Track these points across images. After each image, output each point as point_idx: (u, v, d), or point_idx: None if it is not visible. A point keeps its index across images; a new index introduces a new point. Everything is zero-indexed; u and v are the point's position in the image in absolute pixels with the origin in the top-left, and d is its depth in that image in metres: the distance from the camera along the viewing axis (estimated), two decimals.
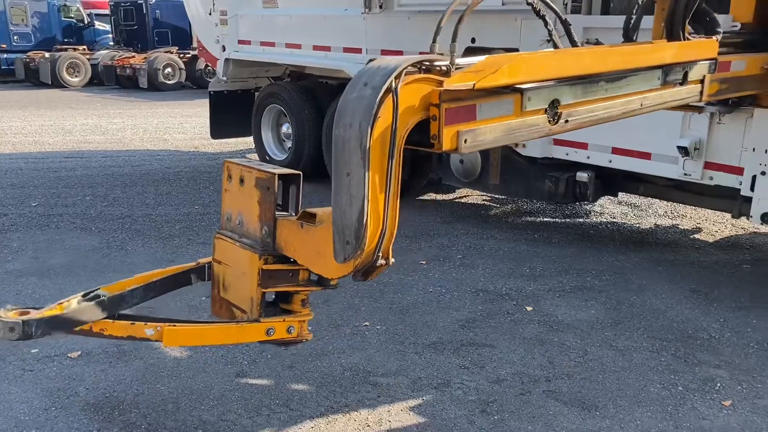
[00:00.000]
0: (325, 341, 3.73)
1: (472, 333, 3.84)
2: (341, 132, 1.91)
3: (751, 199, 4.15)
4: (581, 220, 6.23)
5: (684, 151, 4.41)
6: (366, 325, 3.93)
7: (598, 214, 6.37)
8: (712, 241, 5.59)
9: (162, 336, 2.32)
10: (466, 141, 2.02)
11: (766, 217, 4.07)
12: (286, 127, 7.75)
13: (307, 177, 8.64)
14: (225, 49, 7.97)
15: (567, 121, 2.34)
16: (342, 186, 1.94)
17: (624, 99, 2.58)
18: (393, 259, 2.05)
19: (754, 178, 4.09)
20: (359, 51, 6.37)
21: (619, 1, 4.96)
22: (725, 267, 4.96)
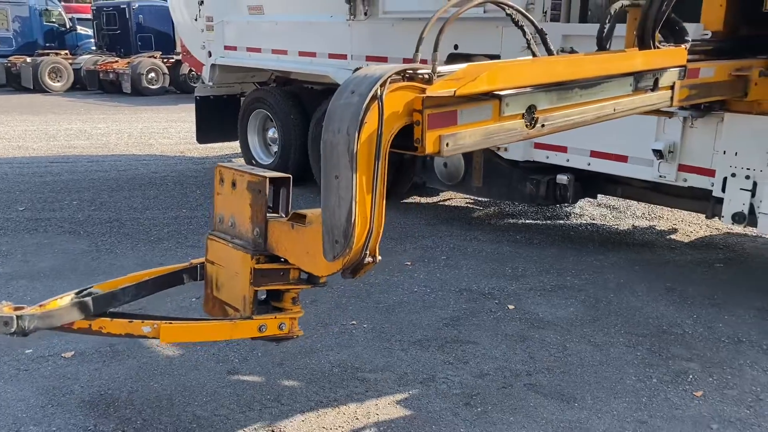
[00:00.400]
0: (314, 339, 3.84)
1: (456, 330, 3.97)
2: (330, 137, 2.02)
3: (722, 200, 4.32)
4: (561, 221, 6.39)
5: (659, 154, 4.58)
6: (353, 323, 4.05)
7: (577, 216, 6.54)
8: (687, 241, 5.78)
9: (159, 333, 2.42)
10: (447, 144, 2.15)
11: (737, 217, 4.23)
12: (272, 132, 7.85)
13: (294, 180, 8.70)
14: (211, 55, 8.06)
15: (543, 125, 2.47)
16: (331, 188, 2.05)
17: (597, 104, 2.71)
18: (380, 257, 2.16)
19: (725, 179, 4.26)
20: (345, 57, 6.50)
21: (596, 9, 5.13)
22: (699, 266, 5.14)
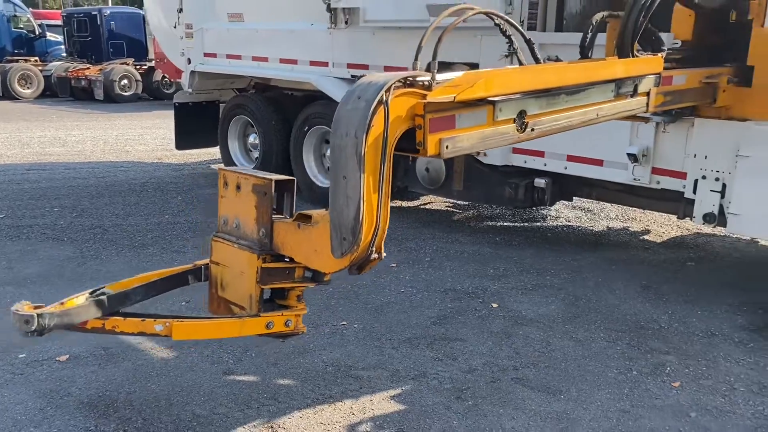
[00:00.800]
0: (306, 340, 3.92)
1: (443, 328, 4.10)
2: (338, 140, 2.14)
3: (693, 201, 4.52)
4: (539, 223, 6.58)
5: (633, 157, 4.78)
6: (344, 324, 4.15)
7: (554, 218, 6.74)
8: (660, 241, 6.00)
9: (171, 331, 2.50)
10: (447, 147, 2.29)
11: (708, 217, 4.44)
12: (253, 138, 7.91)
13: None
14: (190, 62, 8.09)
15: (533, 129, 2.62)
16: (339, 188, 2.16)
17: (582, 110, 2.89)
18: (384, 254, 2.27)
19: (696, 181, 4.47)
20: (326, 64, 6.61)
21: (571, 19, 5.32)
22: (672, 265, 5.35)
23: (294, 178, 2.62)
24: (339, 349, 3.82)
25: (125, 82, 18.43)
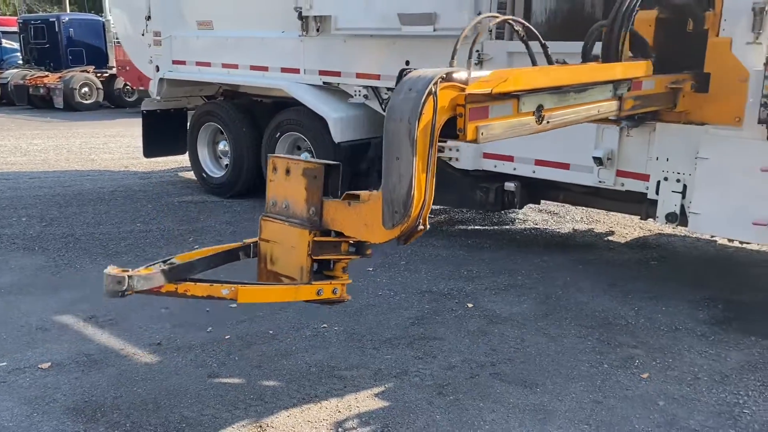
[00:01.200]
0: (288, 342, 4.00)
1: (422, 328, 4.22)
2: (393, 125, 2.38)
3: (656, 202, 4.73)
4: (508, 227, 6.76)
5: (598, 161, 4.98)
6: (324, 326, 4.23)
7: (522, 221, 6.93)
8: (623, 242, 6.24)
9: (237, 294, 2.71)
10: (482, 134, 2.57)
11: (670, 217, 4.65)
12: (223, 145, 7.92)
13: (247, 192, 8.71)
14: (159, 69, 8.08)
15: (548, 122, 2.92)
16: (392, 168, 2.41)
17: (587, 106, 3.22)
18: (428, 225, 2.53)
19: (658, 183, 4.68)
20: (297, 71, 6.69)
21: (538, 29, 5.51)
22: (636, 264, 5.58)
23: (340, 163, 2.84)
24: (321, 350, 3.90)
25: (86, 90, 18.14)
